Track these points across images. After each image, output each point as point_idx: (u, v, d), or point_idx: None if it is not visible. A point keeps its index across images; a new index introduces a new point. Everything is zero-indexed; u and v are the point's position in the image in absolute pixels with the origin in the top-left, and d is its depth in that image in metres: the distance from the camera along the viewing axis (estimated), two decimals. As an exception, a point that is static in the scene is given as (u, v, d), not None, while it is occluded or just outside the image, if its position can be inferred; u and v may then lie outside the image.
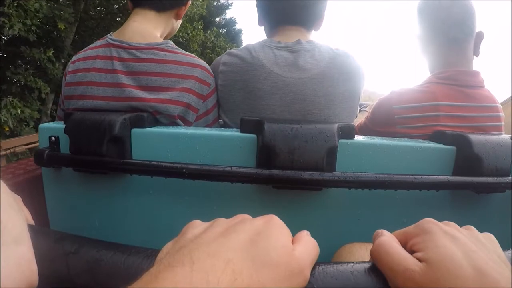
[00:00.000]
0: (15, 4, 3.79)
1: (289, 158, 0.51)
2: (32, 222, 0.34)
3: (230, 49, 0.79)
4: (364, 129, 0.84)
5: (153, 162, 0.53)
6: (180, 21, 0.84)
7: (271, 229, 0.22)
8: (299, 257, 0.21)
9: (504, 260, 0.23)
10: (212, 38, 10.06)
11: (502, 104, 0.73)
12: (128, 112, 0.62)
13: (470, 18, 0.73)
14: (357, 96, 0.73)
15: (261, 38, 0.78)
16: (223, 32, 14.08)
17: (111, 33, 0.71)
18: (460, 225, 0.26)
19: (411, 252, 0.24)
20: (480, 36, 0.75)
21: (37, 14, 4.06)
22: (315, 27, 0.79)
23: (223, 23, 15.76)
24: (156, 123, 0.65)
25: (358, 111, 0.78)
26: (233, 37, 15.31)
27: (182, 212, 0.60)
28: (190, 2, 0.82)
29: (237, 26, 16.48)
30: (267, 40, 0.73)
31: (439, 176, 0.54)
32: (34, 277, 0.21)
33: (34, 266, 0.21)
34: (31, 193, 0.72)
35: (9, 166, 0.83)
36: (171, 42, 0.71)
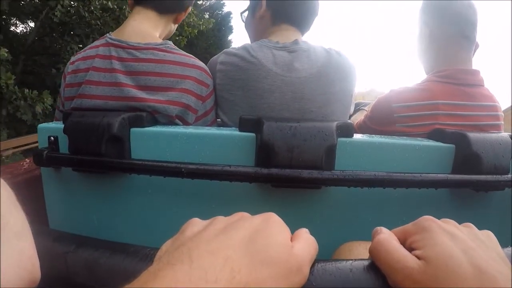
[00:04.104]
0: None
1: (288, 157, 0.51)
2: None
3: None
4: (363, 128, 0.84)
5: (152, 162, 0.53)
6: (176, 25, 0.84)
7: (270, 226, 0.22)
8: (298, 255, 0.21)
9: (503, 258, 0.23)
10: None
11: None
12: (127, 111, 0.62)
13: (477, 20, 0.75)
14: (350, 93, 0.74)
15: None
16: (206, 16, 10.73)
17: (110, 32, 0.71)
18: (459, 223, 0.26)
19: (410, 250, 0.24)
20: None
21: None
22: (309, 27, 0.80)
23: (207, 5, 13.61)
24: (155, 122, 0.65)
25: (352, 108, 0.79)
26: (219, 21, 13.01)
27: (181, 211, 0.60)
28: (190, 9, 0.83)
29: (225, 9, 14.30)
30: (265, 41, 0.73)
31: (438, 174, 0.54)
32: (37, 273, 0.21)
33: (36, 262, 0.21)
34: (30, 193, 0.72)
35: (9, 166, 0.83)
36: (170, 42, 0.70)
